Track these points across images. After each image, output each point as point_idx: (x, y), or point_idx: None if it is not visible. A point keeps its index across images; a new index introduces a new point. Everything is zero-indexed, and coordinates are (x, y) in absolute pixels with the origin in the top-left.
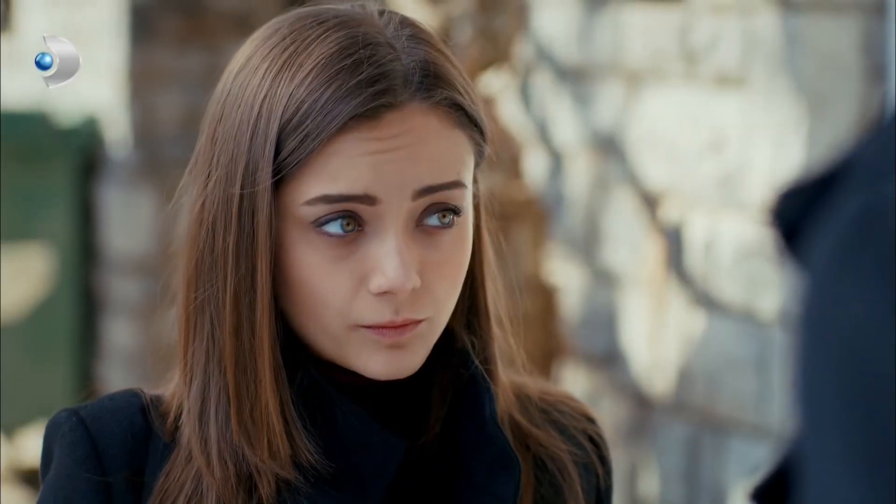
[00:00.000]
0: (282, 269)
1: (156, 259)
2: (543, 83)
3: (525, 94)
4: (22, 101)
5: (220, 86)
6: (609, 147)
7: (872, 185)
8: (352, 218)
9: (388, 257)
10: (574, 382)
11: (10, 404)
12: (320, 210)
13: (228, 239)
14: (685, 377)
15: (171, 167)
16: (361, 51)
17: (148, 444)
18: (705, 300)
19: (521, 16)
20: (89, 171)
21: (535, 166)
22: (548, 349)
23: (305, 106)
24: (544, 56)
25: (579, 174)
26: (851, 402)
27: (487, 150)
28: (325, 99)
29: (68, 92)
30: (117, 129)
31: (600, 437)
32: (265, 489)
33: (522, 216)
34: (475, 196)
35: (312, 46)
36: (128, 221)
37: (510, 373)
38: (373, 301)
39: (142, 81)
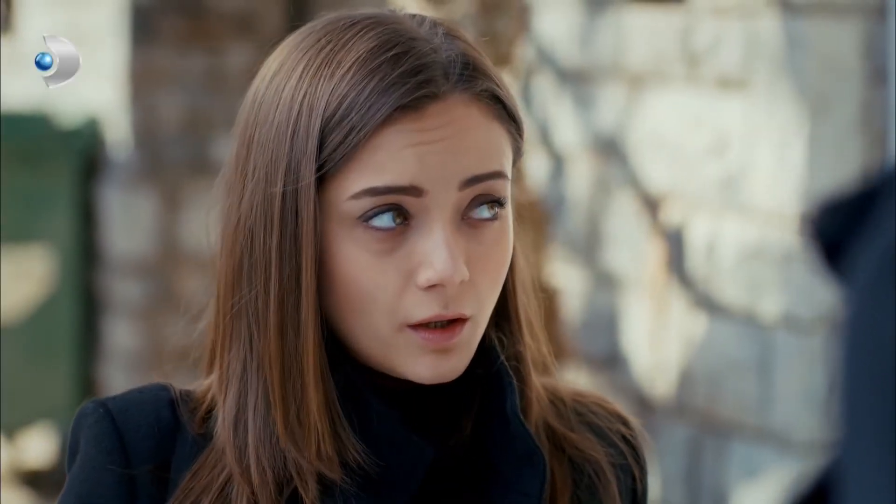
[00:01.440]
0: (327, 269)
1: (157, 260)
2: (545, 85)
3: (526, 97)
4: (23, 103)
5: (251, 94)
6: (610, 149)
7: None
8: (398, 211)
9: (436, 250)
10: (575, 385)
11: (11, 405)
12: (366, 204)
13: (270, 241)
14: (686, 379)
15: (172, 168)
16: (401, 45)
17: (175, 437)
18: (707, 303)
19: (522, 18)
20: (90, 172)
21: (536, 168)
22: (549, 351)
23: (349, 100)
24: (546, 58)
25: (581, 176)
26: (889, 415)
27: (523, 147)
28: (368, 91)
29: (69, 93)
30: (118, 130)
31: (636, 438)
32: (309, 492)
33: (523, 218)
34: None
35: (351, 44)
36: (129, 223)
37: (543, 377)
38: (421, 296)
39: (143, 83)
